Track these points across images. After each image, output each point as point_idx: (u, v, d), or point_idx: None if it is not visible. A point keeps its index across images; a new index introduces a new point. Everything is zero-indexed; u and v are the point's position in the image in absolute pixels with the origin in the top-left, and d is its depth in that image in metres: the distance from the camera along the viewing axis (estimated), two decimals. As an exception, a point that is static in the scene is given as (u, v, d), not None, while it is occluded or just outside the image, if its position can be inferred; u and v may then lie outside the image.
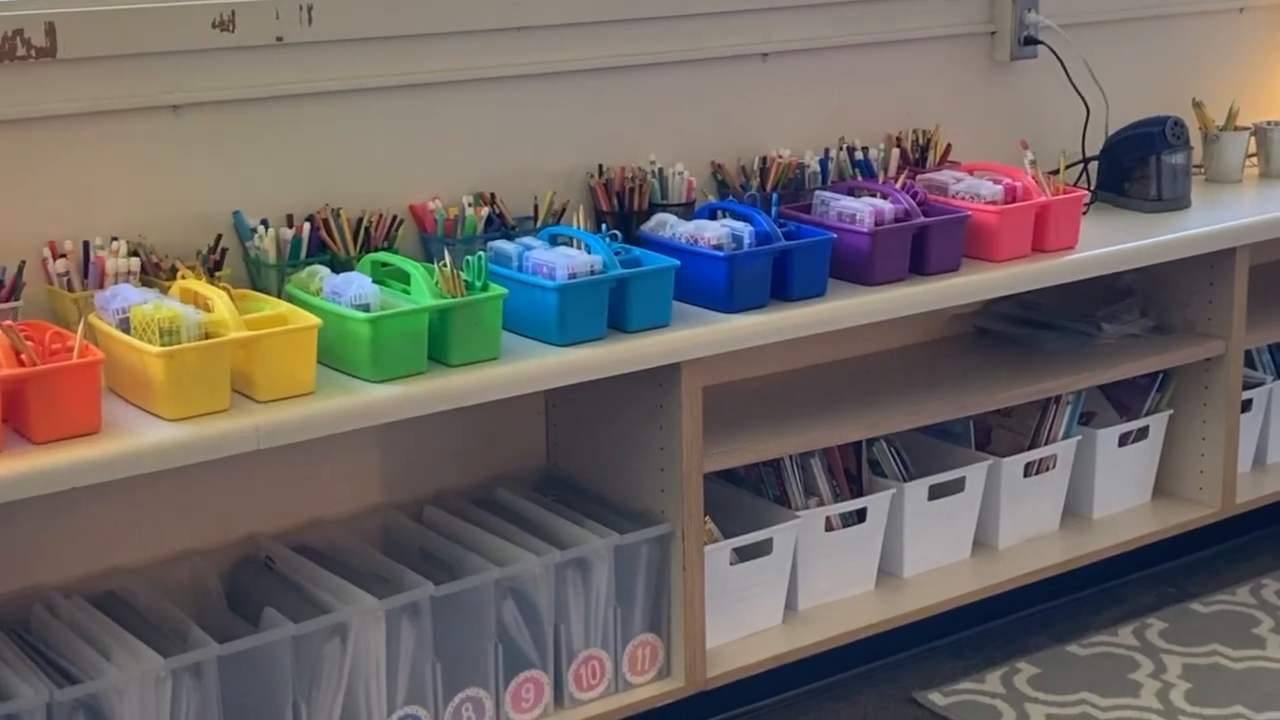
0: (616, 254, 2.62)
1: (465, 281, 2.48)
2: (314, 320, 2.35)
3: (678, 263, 2.65)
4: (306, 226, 2.64)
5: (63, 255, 2.48)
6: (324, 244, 2.66)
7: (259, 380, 2.31)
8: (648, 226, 2.83)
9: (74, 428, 2.19)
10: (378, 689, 2.49)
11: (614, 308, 2.59)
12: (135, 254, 2.51)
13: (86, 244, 2.49)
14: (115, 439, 2.20)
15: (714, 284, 2.70)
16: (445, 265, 2.47)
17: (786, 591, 2.95)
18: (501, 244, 2.66)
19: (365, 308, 2.40)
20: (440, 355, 2.45)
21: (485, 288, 2.48)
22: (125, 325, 2.30)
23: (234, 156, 2.64)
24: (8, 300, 2.41)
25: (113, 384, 2.33)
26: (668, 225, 2.81)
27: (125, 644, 2.34)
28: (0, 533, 2.48)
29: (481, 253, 2.52)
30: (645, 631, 2.74)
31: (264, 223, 2.64)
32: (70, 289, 2.48)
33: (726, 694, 2.85)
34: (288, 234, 2.63)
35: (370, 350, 2.38)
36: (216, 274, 2.54)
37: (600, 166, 2.97)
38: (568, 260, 2.55)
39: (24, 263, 2.44)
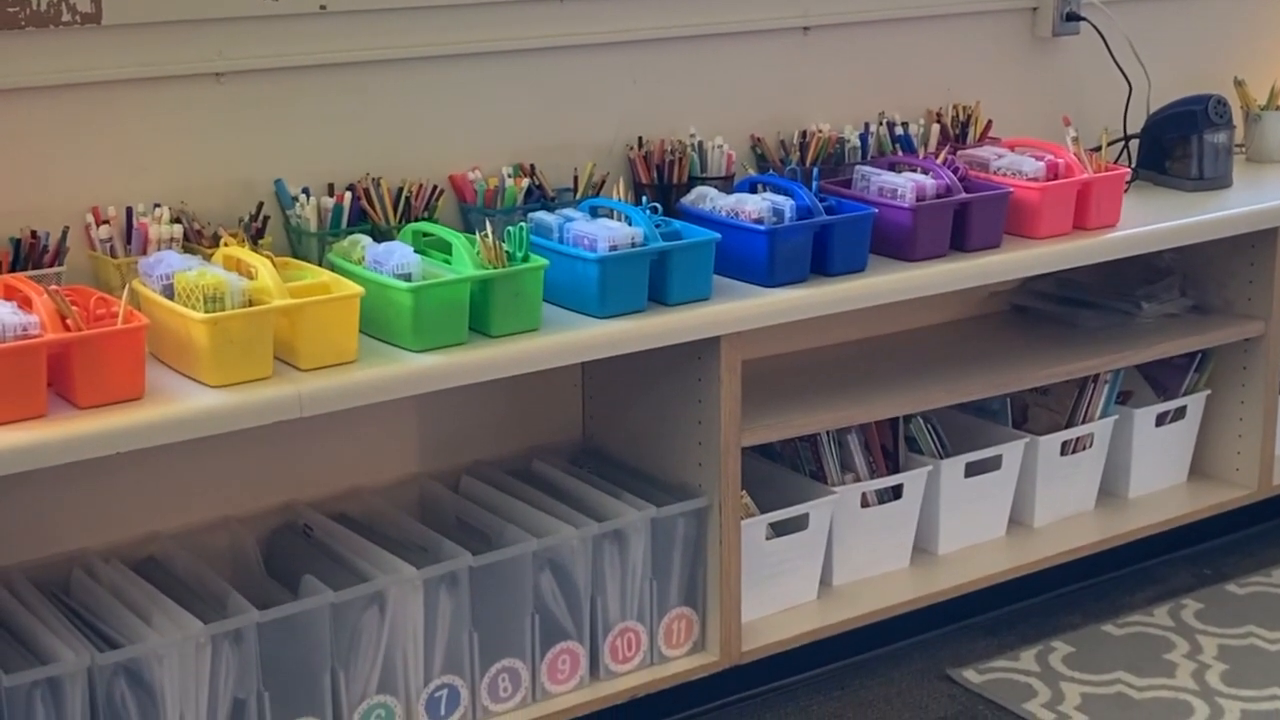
0: (657, 226, 2.62)
1: (507, 252, 2.47)
2: (357, 289, 2.35)
3: (718, 236, 2.64)
4: (348, 195, 2.64)
5: (105, 222, 2.49)
6: (364, 213, 2.66)
7: (301, 348, 2.32)
8: (688, 199, 2.82)
9: (118, 393, 2.19)
10: (415, 658, 2.49)
11: (654, 280, 2.59)
12: (178, 221, 2.52)
13: (129, 210, 2.50)
14: (158, 405, 2.20)
15: (754, 258, 2.69)
16: (487, 236, 2.46)
17: (821, 567, 2.95)
18: (542, 215, 2.65)
19: (407, 277, 2.40)
20: (481, 326, 2.45)
21: (526, 258, 2.48)
22: (169, 291, 2.31)
23: (276, 124, 2.65)
24: (51, 265, 2.42)
25: (156, 350, 2.33)
26: (708, 198, 2.80)
27: (165, 609, 2.35)
28: (42, 497, 2.50)
29: (523, 223, 2.51)
30: (681, 605, 2.74)
31: (305, 191, 2.64)
32: (113, 255, 2.48)
33: (761, 668, 2.84)
34: (329, 203, 2.63)
35: (412, 320, 2.38)
36: (259, 242, 2.55)
37: (640, 139, 2.96)
38: (609, 232, 2.55)
39: (67, 228, 2.45)
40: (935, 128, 3.23)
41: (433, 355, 2.39)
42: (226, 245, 2.42)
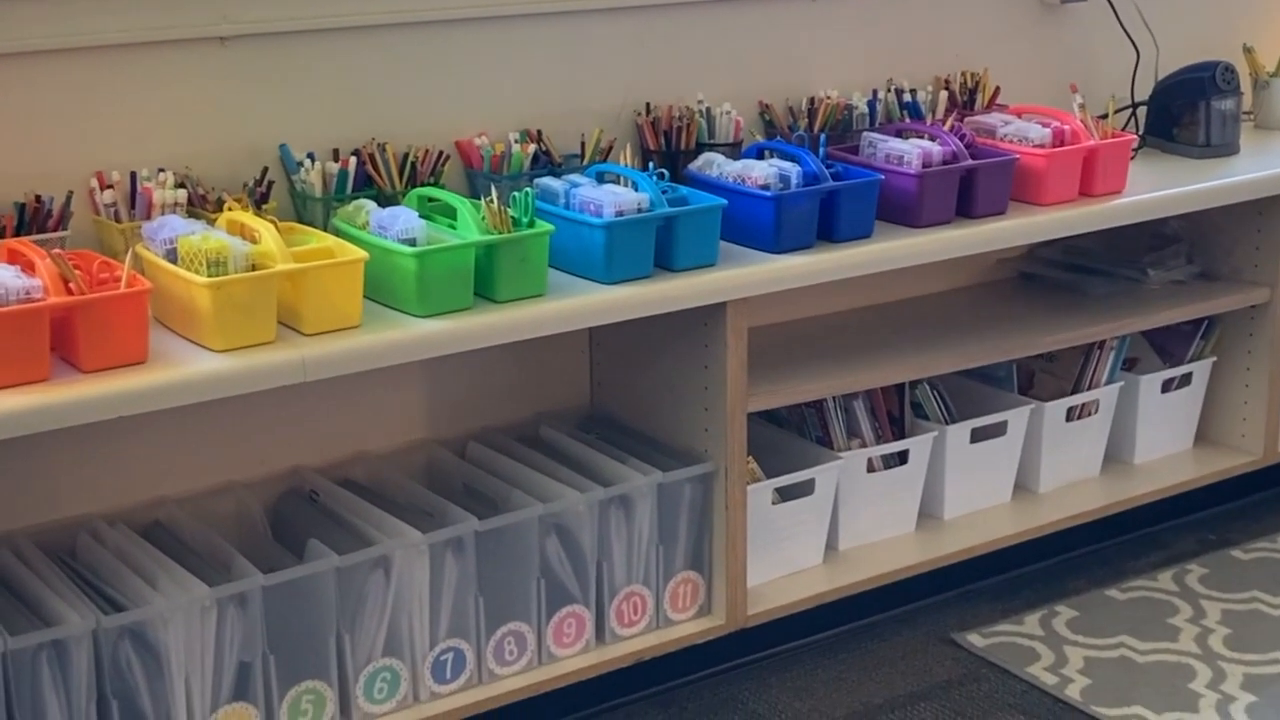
0: (664, 192, 2.61)
1: (512, 218, 2.47)
2: (361, 254, 2.35)
3: (725, 202, 2.63)
4: (353, 160, 2.63)
5: (109, 186, 2.49)
6: (370, 178, 2.65)
7: (305, 313, 2.31)
8: (695, 165, 2.81)
9: (121, 357, 2.19)
10: (421, 621, 2.50)
11: (660, 246, 2.58)
12: (182, 186, 2.51)
13: (134, 175, 2.49)
14: (162, 369, 2.20)
15: (761, 224, 2.69)
16: (492, 201, 2.46)
17: (827, 532, 2.95)
18: (548, 181, 2.65)
19: (412, 242, 2.40)
20: (486, 291, 2.45)
21: (532, 224, 2.47)
22: (173, 256, 2.30)
23: (280, 89, 2.64)
24: (55, 230, 2.42)
25: (160, 315, 2.33)
26: (715, 164, 2.79)
27: (170, 572, 2.35)
28: (48, 461, 2.50)
29: (529, 189, 2.51)
30: (687, 569, 2.75)
31: (310, 156, 2.63)
32: (117, 220, 2.48)
33: (766, 632, 2.85)
34: (333, 168, 2.62)
35: (417, 285, 2.38)
36: (263, 206, 2.54)
37: (648, 105, 2.95)
38: (615, 198, 2.54)
39: (71, 193, 2.45)
40: (943, 94, 3.22)
41: (437, 320, 2.38)
42: (230, 210, 2.42)
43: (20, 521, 2.51)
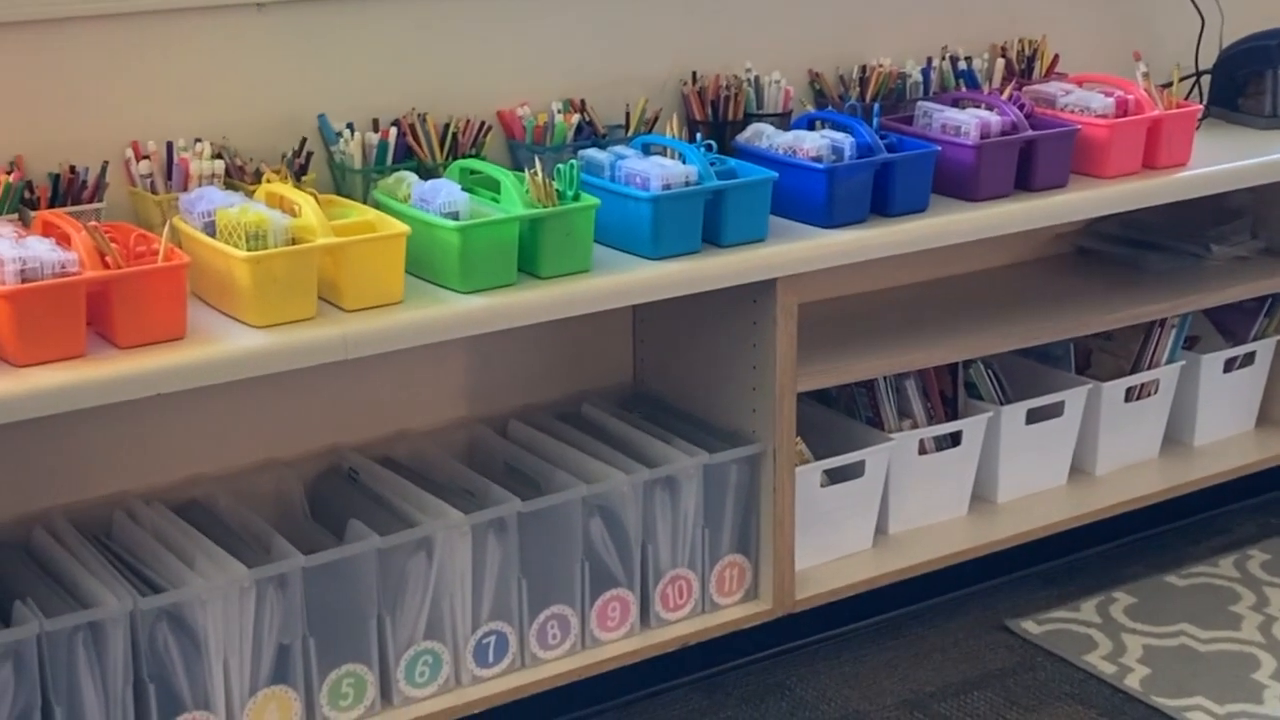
0: (711, 165, 2.54)
1: (557, 191, 2.40)
2: (403, 228, 2.29)
3: (775, 175, 2.56)
4: (393, 131, 2.56)
5: (145, 157, 2.43)
6: (410, 150, 2.59)
7: (346, 289, 2.25)
8: (743, 137, 2.74)
9: (158, 333, 2.14)
10: (463, 604, 2.45)
11: (709, 220, 2.51)
12: (219, 156, 2.45)
13: (170, 145, 2.44)
14: (200, 345, 2.15)
15: (812, 197, 2.61)
16: (536, 173, 2.39)
17: (877, 515, 2.88)
18: (593, 153, 2.57)
19: (454, 216, 2.33)
20: (530, 267, 2.38)
21: (577, 197, 2.40)
22: (211, 229, 2.25)
23: (319, 57, 2.57)
24: (90, 201, 2.37)
25: (198, 289, 2.28)
26: (764, 135, 2.71)
27: (209, 553, 2.31)
28: (84, 438, 2.45)
29: (574, 161, 2.44)
30: (733, 552, 2.68)
31: (349, 127, 2.57)
32: (154, 191, 2.42)
33: (814, 617, 2.79)
34: (373, 139, 2.56)
35: (459, 260, 2.31)
36: (302, 179, 2.48)
37: (694, 74, 2.88)
38: (662, 170, 2.47)
39: (106, 163, 2.39)
40: (1000, 62, 3.14)
41: (480, 297, 2.32)
42: (269, 182, 2.36)
43: (56, 499, 2.47)
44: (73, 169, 2.37)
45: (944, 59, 3.10)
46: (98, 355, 2.10)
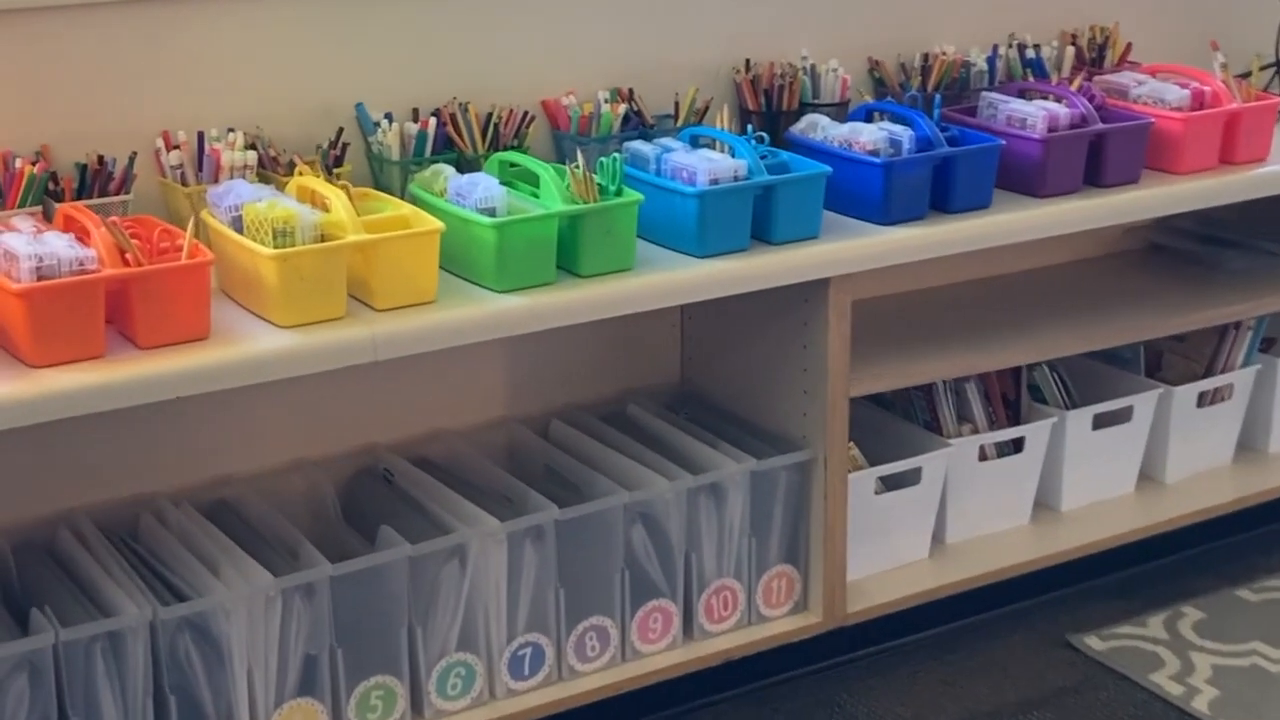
0: (763, 158, 2.43)
1: (598, 185, 2.30)
2: (436, 224, 2.19)
3: (829, 169, 2.44)
4: (432, 122, 2.47)
5: (176, 147, 2.35)
6: (450, 140, 2.49)
7: (377, 287, 2.16)
8: (797, 128, 2.63)
9: (181, 333, 2.06)
10: (497, 614, 2.36)
11: (758, 217, 2.40)
12: (253, 147, 2.37)
13: (201, 135, 2.36)
14: (224, 346, 2.07)
15: (868, 193, 2.50)
16: (578, 167, 2.28)
17: (934, 523, 2.77)
18: (638, 145, 2.47)
19: (491, 212, 2.24)
20: (570, 264, 2.29)
21: (620, 192, 2.30)
22: (238, 224, 2.17)
23: (357, 44, 2.48)
24: (118, 193, 2.29)
25: (225, 286, 2.20)
26: (819, 127, 2.60)
27: (234, 559, 2.23)
28: (110, 438, 2.38)
29: (616, 154, 2.33)
30: (781, 562, 2.58)
31: (388, 116, 2.48)
32: (184, 183, 2.34)
33: (866, 630, 2.68)
34: (412, 129, 2.47)
35: (496, 258, 2.22)
36: (336, 170, 2.40)
37: (747, 62, 2.76)
38: (709, 164, 2.36)
39: (135, 154, 2.32)
40: (1070, 50, 3.01)
41: (517, 296, 2.23)
42: (301, 174, 2.27)
43: (82, 498, 2.40)
44: (101, 159, 2.29)
45: (1010, 47, 2.98)
46: (117, 356, 2.02)
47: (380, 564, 2.27)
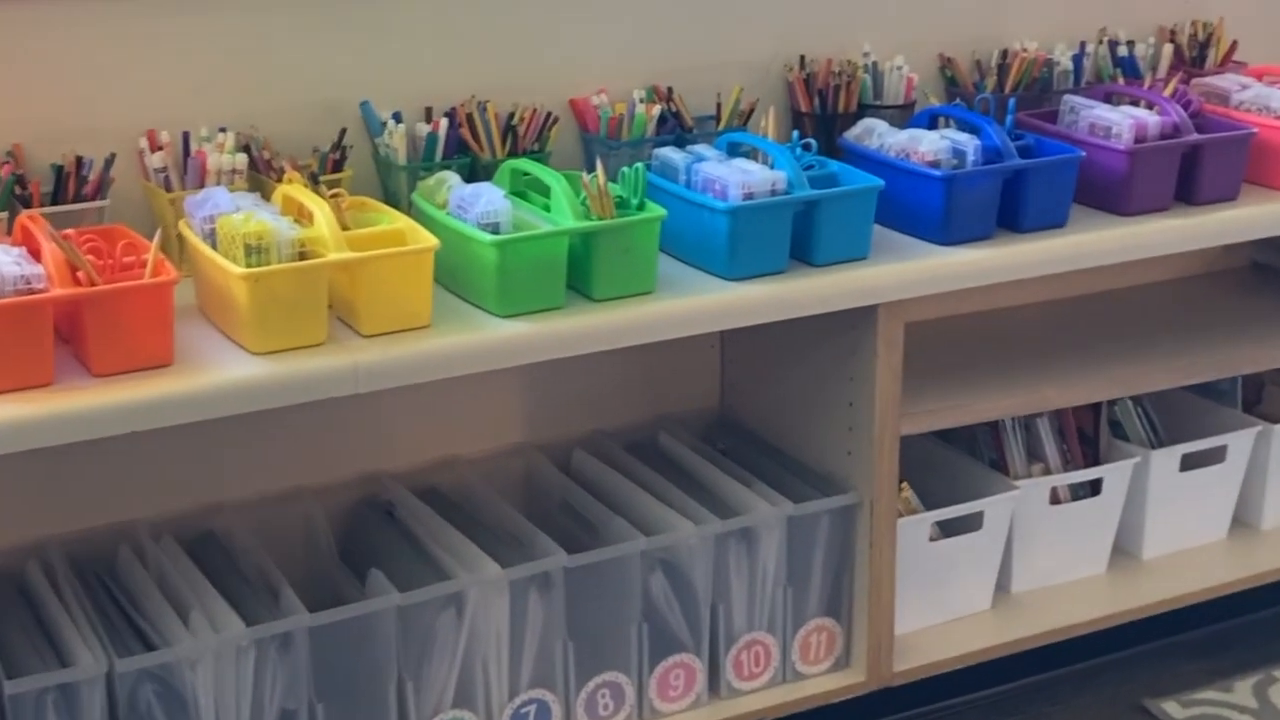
0: (808, 168, 2.20)
1: (617, 198, 2.07)
2: (430, 242, 1.98)
3: (881, 183, 2.20)
4: (444, 122, 2.25)
5: (160, 148, 2.15)
6: (464, 143, 2.27)
7: (363, 310, 1.96)
8: (852, 134, 2.39)
9: (140, 359, 1.87)
10: (498, 669, 2.17)
11: (799, 235, 2.17)
12: (246, 148, 2.17)
13: (186, 135, 2.16)
14: (187, 375, 1.87)
15: (927, 209, 2.25)
16: (595, 178, 2.05)
17: (998, 572, 2.52)
18: (668, 153, 2.24)
19: (494, 227, 2.02)
20: (583, 286, 2.06)
21: (641, 207, 2.08)
22: (212, 237, 1.97)
23: (363, 35, 2.28)
24: (93, 199, 2.10)
25: (203, 306, 2.01)
26: (875, 134, 2.35)
27: (207, 603, 2.05)
28: (90, 461, 2.20)
29: (640, 165, 2.10)
30: (821, 615, 2.36)
31: (395, 116, 2.27)
32: (168, 188, 2.15)
33: (916, 690, 2.44)
34: (423, 130, 2.25)
35: (497, 279, 2.00)
36: (336, 175, 2.19)
37: (802, 58, 2.53)
38: (744, 177, 2.12)
39: (113, 155, 2.13)
40: (1167, 49, 2.76)
41: (521, 321, 2.01)
42: (289, 182, 2.07)
43: (58, 527, 2.23)
44: (78, 160, 2.11)
45: (1100, 43, 2.73)
46: (67, 384, 1.84)
47: (365, 613, 2.07)
